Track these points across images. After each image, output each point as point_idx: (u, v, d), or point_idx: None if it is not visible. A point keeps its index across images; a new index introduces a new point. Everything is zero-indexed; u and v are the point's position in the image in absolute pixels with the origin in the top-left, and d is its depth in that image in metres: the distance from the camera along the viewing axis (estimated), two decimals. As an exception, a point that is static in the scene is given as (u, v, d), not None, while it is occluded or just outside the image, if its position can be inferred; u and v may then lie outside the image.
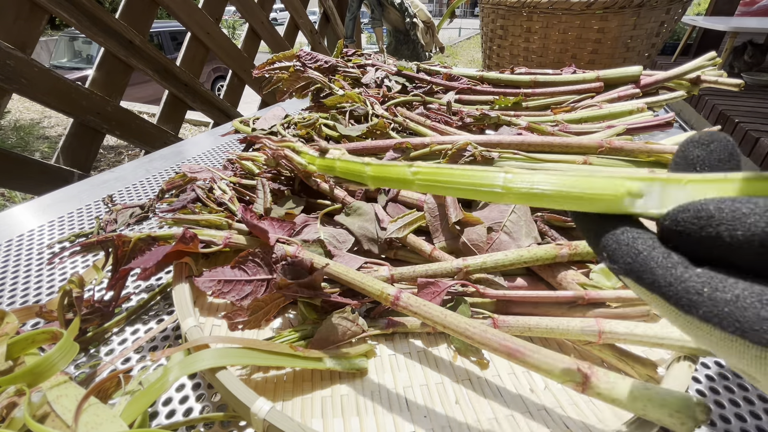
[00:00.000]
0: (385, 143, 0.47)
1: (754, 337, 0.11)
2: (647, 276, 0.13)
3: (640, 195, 0.15)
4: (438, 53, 2.81)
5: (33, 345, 0.26)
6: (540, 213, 0.38)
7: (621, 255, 0.14)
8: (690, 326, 0.13)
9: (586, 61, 0.96)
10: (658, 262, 0.13)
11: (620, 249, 0.14)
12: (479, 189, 0.19)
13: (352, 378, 0.30)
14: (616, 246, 0.14)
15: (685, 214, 0.13)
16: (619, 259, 0.14)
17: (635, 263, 0.14)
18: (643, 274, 0.13)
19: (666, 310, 0.13)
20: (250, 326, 0.31)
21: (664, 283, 0.13)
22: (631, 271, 0.14)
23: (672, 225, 0.13)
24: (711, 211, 0.12)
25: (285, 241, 0.35)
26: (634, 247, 0.14)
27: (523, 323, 0.29)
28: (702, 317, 0.12)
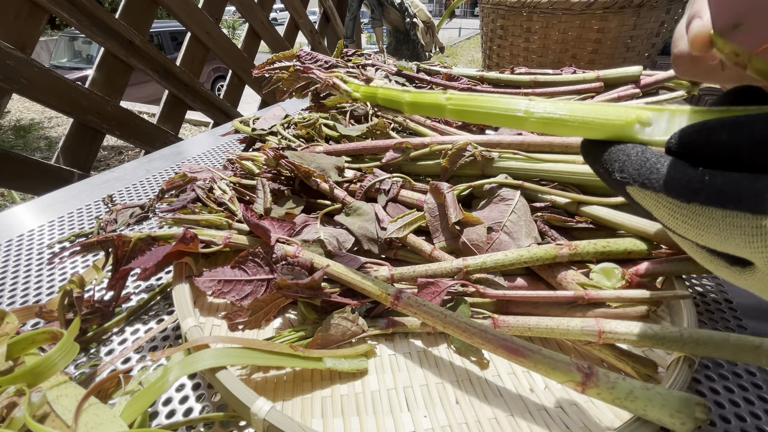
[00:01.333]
0: (385, 143, 0.47)
1: (751, 205, 0.12)
2: (654, 176, 0.15)
3: (649, 123, 0.16)
4: (438, 53, 2.81)
5: (33, 345, 0.26)
6: (540, 213, 0.38)
7: (631, 164, 0.16)
8: (690, 218, 0.14)
9: (586, 61, 0.96)
10: (664, 164, 0.15)
11: (629, 160, 0.16)
12: (504, 114, 0.20)
13: (352, 378, 0.30)
14: (626, 158, 0.16)
15: (690, 128, 0.14)
16: (629, 168, 0.15)
17: (643, 168, 0.15)
18: (651, 175, 0.15)
19: (667, 208, 0.14)
20: (251, 326, 0.31)
21: (668, 180, 0.14)
22: (640, 176, 0.15)
23: (678, 140, 0.15)
24: (713, 124, 0.14)
25: (285, 241, 0.35)
26: (643, 157, 0.15)
27: (523, 323, 0.29)
28: (703, 201, 0.13)
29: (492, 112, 0.21)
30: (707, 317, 0.34)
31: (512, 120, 0.20)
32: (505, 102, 0.20)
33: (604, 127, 0.17)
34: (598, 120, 0.17)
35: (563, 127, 0.18)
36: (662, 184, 0.14)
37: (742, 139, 0.13)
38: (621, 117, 0.17)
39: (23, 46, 0.87)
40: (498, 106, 0.20)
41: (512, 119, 0.20)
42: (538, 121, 0.19)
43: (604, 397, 0.22)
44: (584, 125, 0.17)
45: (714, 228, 0.13)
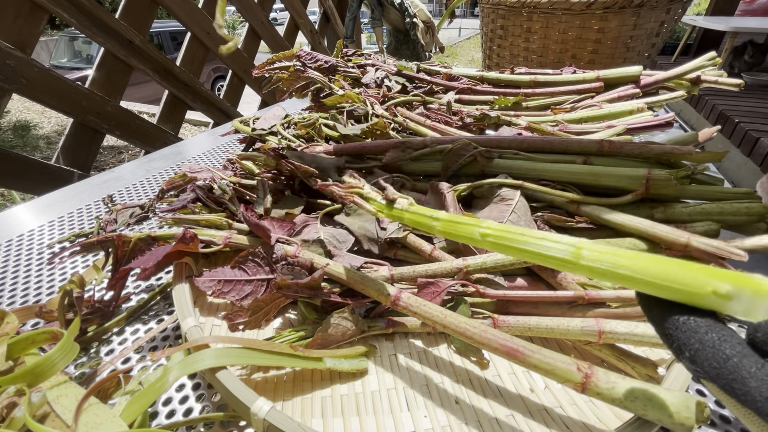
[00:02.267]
0: (385, 143, 0.47)
1: None
2: (738, 387, 0.11)
3: (729, 298, 0.13)
4: (438, 53, 2.81)
5: (33, 345, 0.25)
6: (540, 213, 0.38)
7: (705, 358, 0.12)
8: None
9: (586, 61, 0.96)
10: (751, 372, 0.11)
11: (704, 350, 0.12)
12: (552, 258, 0.18)
13: (352, 378, 0.30)
14: (699, 346, 0.12)
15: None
16: (703, 362, 0.12)
17: (723, 369, 0.12)
18: (733, 383, 0.12)
19: (757, 425, 0.11)
20: (251, 326, 0.31)
21: (759, 398, 0.11)
22: (718, 378, 0.12)
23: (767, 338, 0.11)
24: None
25: (285, 241, 0.35)
26: (721, 351, 0.12)
27: (523, 323, 0.29)
28: None
29: (536, 254, 0.19)
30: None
31: (562, 264, 0.18)
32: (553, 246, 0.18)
33: (675, 291, 0.14)
34: (663, 284, 0.14)
35: (628, 283, 0.15)
36: (751, 402, 0.11)
37: None
38: (695, 286, 0.13)
39: (23, 46, 0.87)
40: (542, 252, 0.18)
41: (562, 264, 0.18)
42: (594, 272, 0.17)
43: (604, 397, 0.22)
44: (646, 284, 0.15)
45: None
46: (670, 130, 0.50)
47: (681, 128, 0.81)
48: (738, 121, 1.66)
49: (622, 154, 0.40)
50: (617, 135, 0.48)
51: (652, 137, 0.59)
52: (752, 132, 1.56)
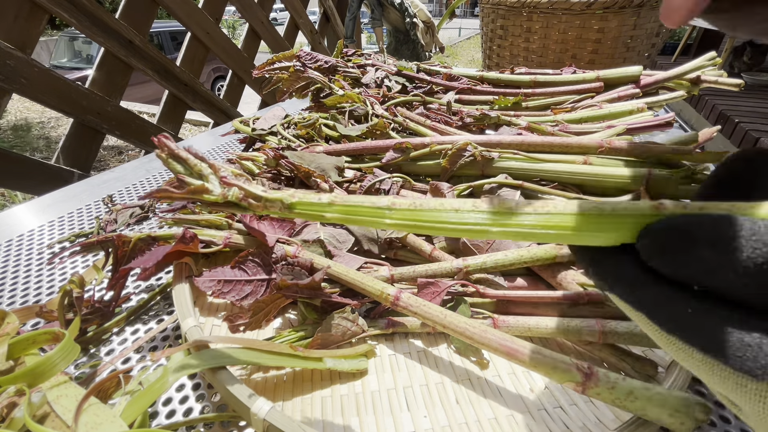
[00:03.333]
0: (385, 143, 0.47)
1: (735, 363, 0.11)
2: (634, 295, 0.13)
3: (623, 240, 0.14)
4: (438, 53, 2.81)
5: (34, 345, 0.26)
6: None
7: (610, 273, 0.14)
8: (672, 346, 0.12)
9: (586, 61, 0.96)
10: (644, 281, 0.13)
11: (609, 267, 0.14)
12: (466, 230, 0.17)
13: (352, 378, 0.30)
14: (610, 266, 0.14)
15: (667, 234, 0.13)
16: (608, 277, 0.14)
17: (621, 279, 0.13)
18: (628, 294, 0.13)
19: (650, 329, 0.13)
20: (251, 327, 0.31)
21: (650, 303, 0.13)
22: (617, 288, 0.14)
23: (653, 243, 0.13)
24: (693, 233, 0.12)
25: (285, 242, 0.35)
26: (621, 266, 0.14)
27: (523, 323, 0.29)
28: (684, 338, 0.12)
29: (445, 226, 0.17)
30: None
31: (473, 233, 0.17)
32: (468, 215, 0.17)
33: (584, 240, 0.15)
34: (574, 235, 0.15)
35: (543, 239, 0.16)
36: (643, 307, 0.13)
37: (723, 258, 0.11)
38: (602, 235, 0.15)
39: (23, 46, 0.87)
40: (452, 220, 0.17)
41: (473, 233, 0.17)
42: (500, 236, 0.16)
43: (604, 397, 0.22)
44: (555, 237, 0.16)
45: (694, 362, 0.12)
46: (670, 130, 0.50)
47: (681, 128, 0.81)
48: (738, 121, 1.66)
49: (622, 154, 0.40)
50: (617, 135, 0.48)
51: (652, 137, 0.59)
52: (752, 132, 1.56)
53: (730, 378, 0.11)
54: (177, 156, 0.19)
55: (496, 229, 0.16)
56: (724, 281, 0.11)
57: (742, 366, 0.11)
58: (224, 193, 0.18)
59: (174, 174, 0.19)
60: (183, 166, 0.19)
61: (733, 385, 0.11)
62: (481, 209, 0.16)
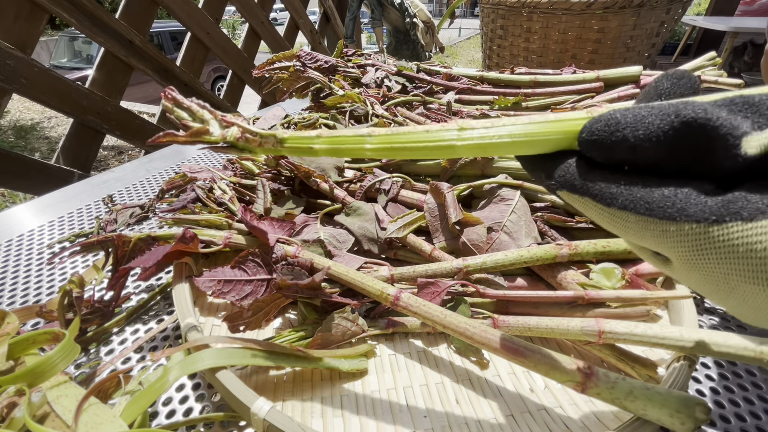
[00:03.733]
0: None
1: (659, 213, 0.13)
2: (578, 183, 0.16)
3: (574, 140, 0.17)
4: (438, 53, 2.81)
5: (34, 345, 0.26)
6: (540, 213, 0.38)
7: (559, 173, 0.17)
8: (613, 220, 0.15)
9: (586, 61, 0.96)
10: (583, 170, 0.16)
11: (566, 175, 0.17)
12: (436, 147, 0.19)
13: (352, 378, 0.30)
14: (564, 173, 0.17)
15: (597, 124, 0.15)
16: (557, 176, 0.17)
17: (567, 175, 0.16)
18: (574, 182, 0.16)
19: (594, 210, 0.16)
20: (251, 327, 0.31)
21: (590, 185, 0.15)
22: (565, 183, 0.16)
23: (588, 136, 0.15)
24: (617, 117, 0.14)
25: (285, 241, 0.35)
26: (569, 165, 0.16)
27: (523, 323, 0.29)
28: (620, 206, 0.14)
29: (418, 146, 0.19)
30: (707, 317, 0.34)
31: (442, 150, 0.19)
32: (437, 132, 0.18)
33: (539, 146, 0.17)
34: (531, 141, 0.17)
35: (499, 149, 0.18)
36: (585, 190, 0.15)
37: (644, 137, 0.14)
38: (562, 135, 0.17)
39: (23, 46, 0.87)
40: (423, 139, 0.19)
41: (442, 150, 0.19)
42: (472, 148, 0.18)
43: (604, 397, 0.22)
44: (518, 146, 0.18)
45: (631, 227, 0.14)
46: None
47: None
48: (738, 121, 1.66)
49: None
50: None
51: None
52: (752, 132, 1.56)
53: (657, 229, 0.14)
54: (181, 104, 0.20)
55: (461, 143, 0.18)
56: (643, 153, 0.14)
57: (664, 213, 0.13)
58: (224, 134, 0.20)
59: (178, 121, 0.20)
60: (187, 113, 0.21)
61: (660, 235, 0.14)
62: (447, 128, 0.18)
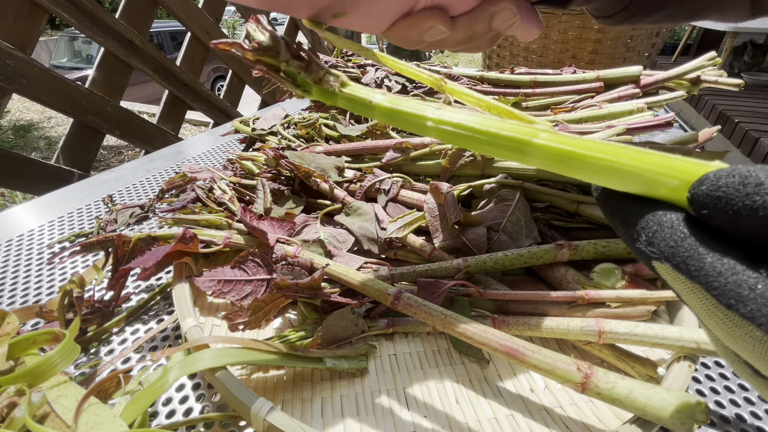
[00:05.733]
0: (385, 143, 0.47)
1: None
2: (693, 263, 0.12)
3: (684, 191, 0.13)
4: (438, 53, 2.81)
5: (34, 345, 0.26)
6: (540, 213, 0.38)
7: (663, 238, 0.12)
8: (726, 323, 0.11)
9: (586, 61, 0.96)
10: (708, 248, 0.11)
11: (662, 231, 0.13)
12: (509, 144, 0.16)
13: (352, 378, 0.30)
14: (658, 228, 0.13)
15: (729, 179, 0.11)
16: (660, 243, 0.13)
17: (680, 247, 0.12)
18: (689, 260, 0.12)
19: (702, 302, 0.12)
20: (251, 326, 0.31)
21: (712, 272, 0.11)
22: (673, 256, 0.12)
23: (711, 190, 0.11)
24: (761, 177, 0.11)
25: (285, 241, 0.35)
26: (679, 230, 0.12)
27: (523, 323, 0.29)
28: (747, 315, 0.11)
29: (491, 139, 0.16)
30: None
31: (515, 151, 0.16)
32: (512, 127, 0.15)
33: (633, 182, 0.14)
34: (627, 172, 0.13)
35: (584, 169, 0.14)
36: (702, 277, 0.11)
37: None
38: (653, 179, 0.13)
39: (23, 46, 0.87)
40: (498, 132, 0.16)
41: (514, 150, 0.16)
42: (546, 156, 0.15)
43: (604, 397, 0.22)
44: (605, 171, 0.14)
45: (752, 343, 0.11)
46: (670, 130, 0.50)
47: (681, 128, 0.81)
48: (738, 121, 1.66)
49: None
50: (617, 135, 0.48)
51: (652, 137, 0.59)
52: (752, 132, 1.56)
53: None
54: (265, 27, 0.20)
55: (539, 148, 0.15)
56: None
57: None
58: (288, 61, 0.19)
59: (253, 39, 0.19)
60: (264, 35, 0.19)
61: None
62: (529, 127, 0.15)
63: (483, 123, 0.16)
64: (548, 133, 0.15)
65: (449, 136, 0.17)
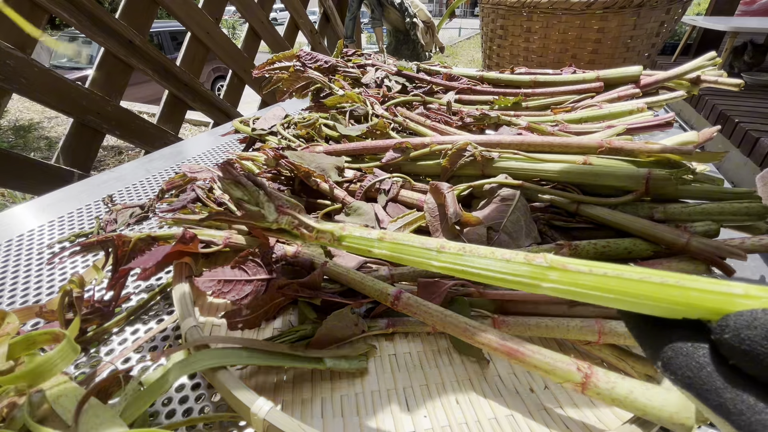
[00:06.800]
0: (385, 143, 0.47)
1: None
2: (712, 397, 0.11)
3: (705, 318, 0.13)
4: (438, 53, 2.81)
5: (34, 346, 0.25)
6: (540, 213, 0.38)
7: (679, 366, 0.12)
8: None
9: (586, 61, 0.96)
10: (725, 384, 0.11)
11: (677, 359, 0.12)
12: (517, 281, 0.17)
13: (352, 378, 0.30)
14: (673, 354, 0.12)
15: (752, 332, 0.11)
16: (677, 371, 0.12)
17: (697, 378, 0.12)
18: (708, 394, 0.12)
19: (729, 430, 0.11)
20: (250, 326, 0.31)
21: (733, 410, 0.11)
22: (692, 387, 0.12)
23: (734, 341, 0.11)
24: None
25: (285, 241, 0.35)
26: (694, 359, 0.12)
27: (523, 323, 0.29)
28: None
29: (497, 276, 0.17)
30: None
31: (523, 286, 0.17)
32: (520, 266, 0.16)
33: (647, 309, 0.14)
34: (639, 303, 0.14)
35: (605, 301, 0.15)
36: (724, 413, 0.11)
37: None
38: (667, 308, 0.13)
39: (23, 46, 0.87)
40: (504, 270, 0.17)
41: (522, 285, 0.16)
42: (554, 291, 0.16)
43: (604, 397, 0.22)
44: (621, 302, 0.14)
45: None
46: (669, 130, 0.50)
47: (681, 128, 0.81)
48: (738, 121, 1.66)
49: (621, 154, 0.40)
50: (617, 135, 0.48)
51: (652, 137, 0.59)
52: (752, 132, 1.56)
53: None
54: (239, 182, 0.20)
55: (548, 284, 0.16)
56: None
57: None
58: (278, 220, 0.20)
59: (233, 199, 0.20)
60: (242, 192, 0.20)
61: None
62: (533, 263, 0.16)
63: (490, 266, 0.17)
64: (557, 272, 0.16)
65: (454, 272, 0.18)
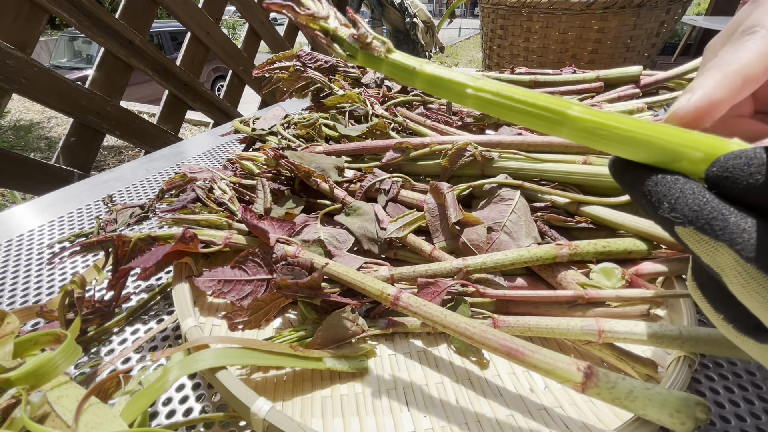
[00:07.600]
0: (385, 143, 0.47)
1: None
2: (718, 223, 0.13)
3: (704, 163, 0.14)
4: (438, 53, 2.81)
5: (36, 346, 0.25)
6: (540, 213, 0.38)
7: (686, 203, 0.14)
8: (744, 276, 0.12)
9: (586, 61, 0.96)
10: (730, 209, 0.13)
11: (685, 197, 0.14)
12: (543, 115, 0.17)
13: (352, 378, 0.30)
14: (680, 194, 0.14)
15: (736, 161, 0.13)
16: (683, 207, 0.14)
17: (703, 210, 0.13)
18: (713, 220, 0.13)
19: (723, 258, 0.13)
20: (250, 326, 0.31)
21: (736, 230, 0.12)
22: (698, 219, 0.13)
23: (720, 171, 0.13)
24: (764, 158, 0.12)
25: (285, 241, 0.35)
26: (701, 195, 0.13)
27: (523, 323, 0.29)
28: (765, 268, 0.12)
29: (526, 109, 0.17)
30: (706, 316, 0.34)
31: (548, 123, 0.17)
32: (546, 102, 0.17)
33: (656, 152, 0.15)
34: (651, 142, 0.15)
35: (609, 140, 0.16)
36: (727, 234, 0.12)
37: None
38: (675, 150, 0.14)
39: (23, 46, 0.87)
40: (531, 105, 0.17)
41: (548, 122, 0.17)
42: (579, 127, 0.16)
43: (604, 397, 0.22)
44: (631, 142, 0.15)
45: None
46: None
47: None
48: (738, 121, 1.66)
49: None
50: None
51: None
52: (752, 132, 1.56)
53: None
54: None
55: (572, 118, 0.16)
56: None
57: None
58: (338, 27, 0.20)
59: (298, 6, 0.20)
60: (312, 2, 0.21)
61: None
62: (562, 101, 0.17)
63: (521, 93, 0.17)
64: (580, 106, 0.16)
65: (487, 104, 0.18)
